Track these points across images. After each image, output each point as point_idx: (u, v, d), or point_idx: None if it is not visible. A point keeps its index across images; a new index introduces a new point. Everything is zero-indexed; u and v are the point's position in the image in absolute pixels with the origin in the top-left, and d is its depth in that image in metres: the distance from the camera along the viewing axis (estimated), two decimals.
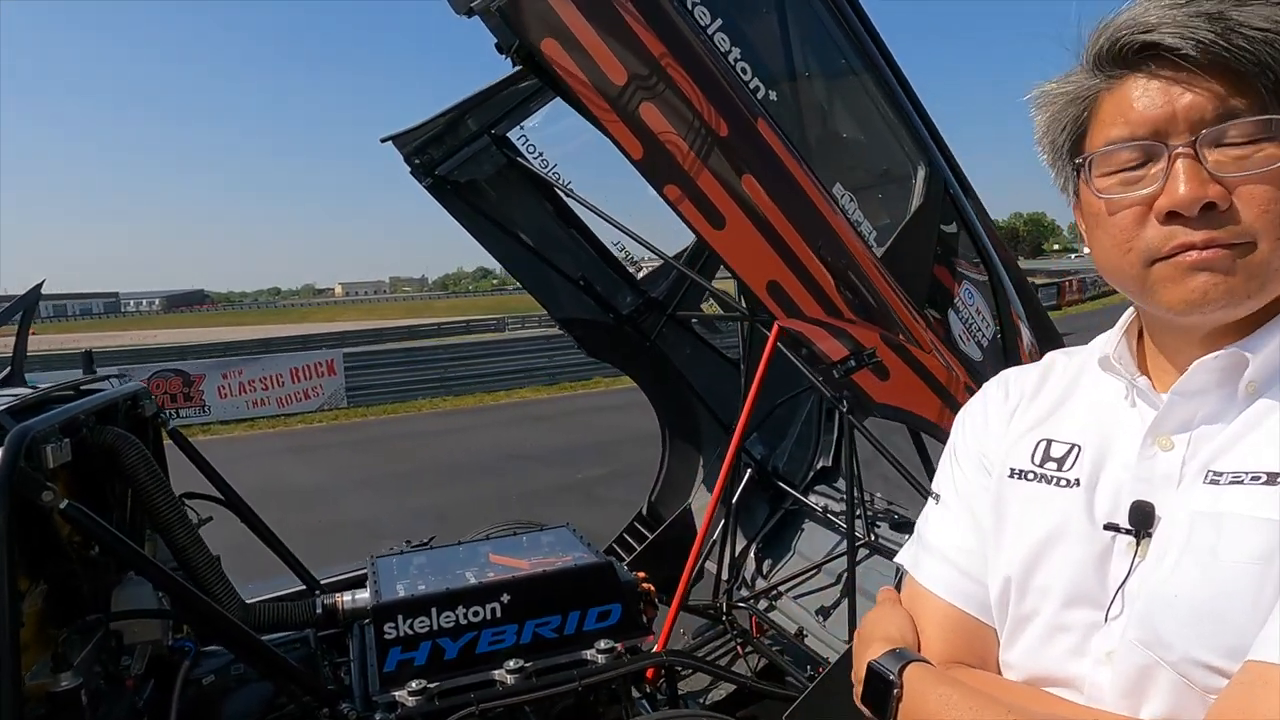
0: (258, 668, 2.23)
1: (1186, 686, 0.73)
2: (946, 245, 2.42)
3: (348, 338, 34.76)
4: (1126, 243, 0.79)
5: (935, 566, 0.97)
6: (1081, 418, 0.91)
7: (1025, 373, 1.02)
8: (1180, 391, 0.81)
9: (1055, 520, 0.86)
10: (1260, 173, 0.73)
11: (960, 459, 1.02)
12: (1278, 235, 0.74)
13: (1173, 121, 0.75)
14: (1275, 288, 0.76)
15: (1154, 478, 0.81)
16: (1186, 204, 0.74)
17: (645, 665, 2.61)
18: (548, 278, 3.76)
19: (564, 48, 1.70)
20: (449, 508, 7.62)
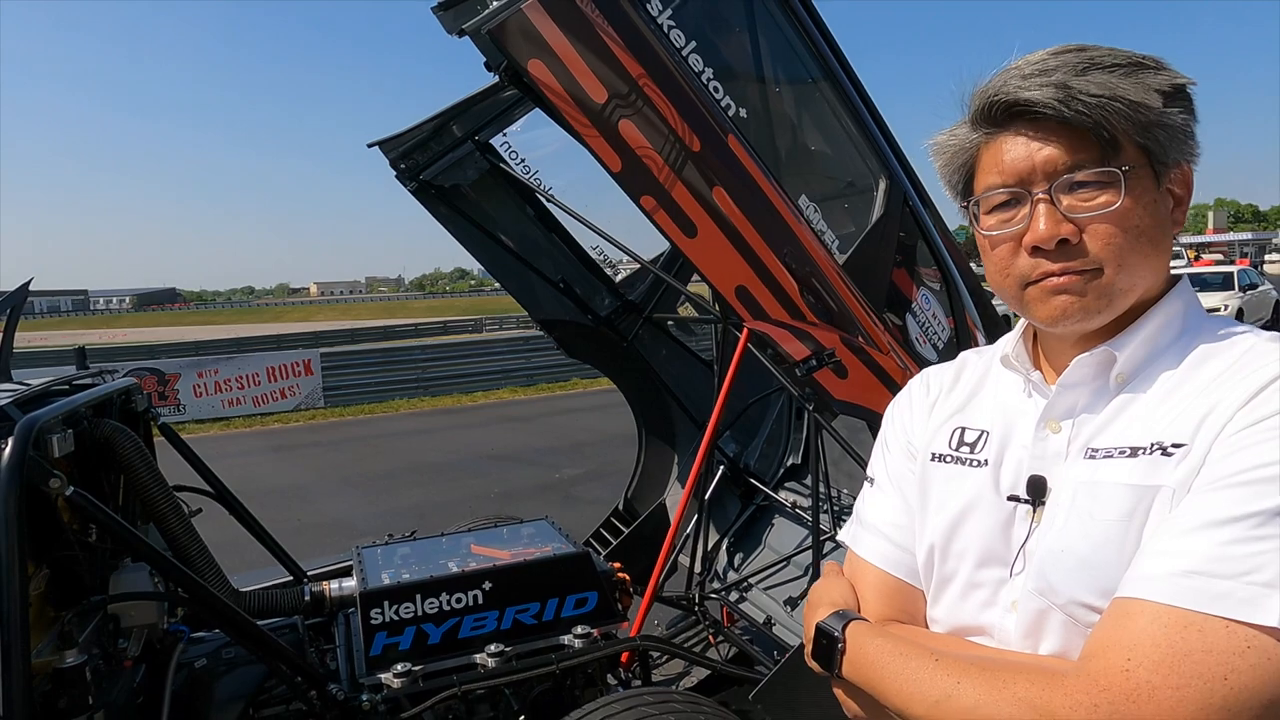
0: (251, 649, 2.33)
1: (1073, 624, 0.88)
2: (905, 253, 2.58)
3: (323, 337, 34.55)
4: (1005, 270, 0.97)
5: (871, 540, 1.12)
6: (989, 407, 1.07)
7: (943, 370, 1.19)
8: (1063, 384, 0.97)
9: (969, 495, 1.01)
10: (1102, 214, 0.90)
11: (890, 447, 1.17)
12: (1119, 262, 0.90)
13: (1033, 172, 0.92)
14: (1122, 302, 0.93)
15: (1046, 456, 0.96)
16: (1045, 240, 0.91)
17: (620, 649, 2.74)
18: (528, 280, 3.89)
19: (549, 68, 1.82)
20: (428, 507, 7.69)
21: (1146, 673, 0.75)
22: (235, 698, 2.51)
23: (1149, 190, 0.91)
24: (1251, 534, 0.76)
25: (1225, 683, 0.72)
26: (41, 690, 1.87)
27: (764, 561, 3.85)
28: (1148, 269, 0.93)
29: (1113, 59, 0.90)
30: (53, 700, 1.88)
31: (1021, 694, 0.80)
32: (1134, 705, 0.74)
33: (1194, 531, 0.79)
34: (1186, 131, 0.92)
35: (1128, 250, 0.90)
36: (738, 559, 4.03)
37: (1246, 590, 0.74)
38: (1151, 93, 0.88)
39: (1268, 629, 0.73)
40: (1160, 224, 0.93)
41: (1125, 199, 0.89)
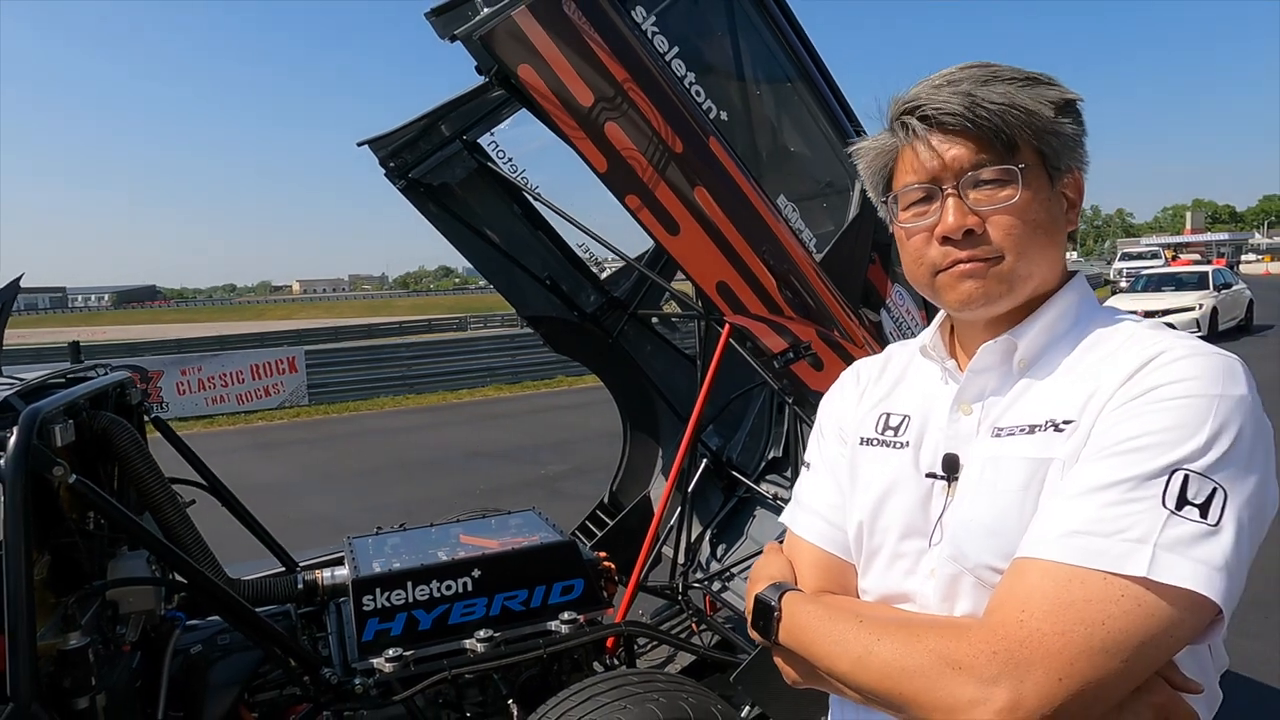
0: (247, 634, 2.39)
1: (981, 586, 0.98)
2: (881, 251, 2.68)
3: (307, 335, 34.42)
4: (919, 259, 1.07)
5: (808, 520, 1.22)
6: (911, 394, 1.18)
7: (871, 361, 1.30)
8: (972, 370, 1.07)
9: (892, 474, 1.11)
10: (1003, 207, 1.01)
11: (824, 433, 1.28)
12: (1017, 250, 1.02)
13: (943, 171, 1.03)
14: (1022, 289, 1.04)
15: (959, 436, 1.07)
16: (953, 230, 1.02)
17: (606, 634, 2.83)
18: (515, 277, 3.95)
19: (538, 72, 1.90)
20: (413, 503, 7.75)
21: (1037, 622, 0.85)
22: (231, 682, 2.58)
23: (1044, 189, 1.03)
24: (1125, 497, 0.87)
25: (1103, 627, 0.83)
26: (46, 671, 1.93)
27: (746, 552, 3.94)
28: (1044, 260, 1.04)
29: (1012, 74, 1.02)
30: (57, 681, 1.94)
31: (932, 646, 0.90)
32: (1026, 650, 0.84)
33: (1078, 497, 0.89)
34: (1076, 140, 1.04)
35: (1025, 240, 1.01)
36: (720, 550, 4.12)
37: (1120, 546, 0.85)
38: (1045, 104, 1.00)
39: (1137, 579, 0.83)
40: (1054, 220, 1.04)
41: (1023, 194, 1.00)
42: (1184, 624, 0.84)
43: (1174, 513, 0.85)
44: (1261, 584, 5.09)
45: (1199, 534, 0.85)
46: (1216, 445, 0.87)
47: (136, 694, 2.33)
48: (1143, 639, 0.83)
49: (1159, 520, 0.85)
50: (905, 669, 0.91)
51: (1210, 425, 0.88)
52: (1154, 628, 0.83)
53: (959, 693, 0.86)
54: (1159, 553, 0.84)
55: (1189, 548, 0.84)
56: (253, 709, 2.61)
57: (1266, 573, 5.06)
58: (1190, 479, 0.86)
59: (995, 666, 0.85)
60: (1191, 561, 0.83)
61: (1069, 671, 0.82)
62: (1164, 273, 22.71)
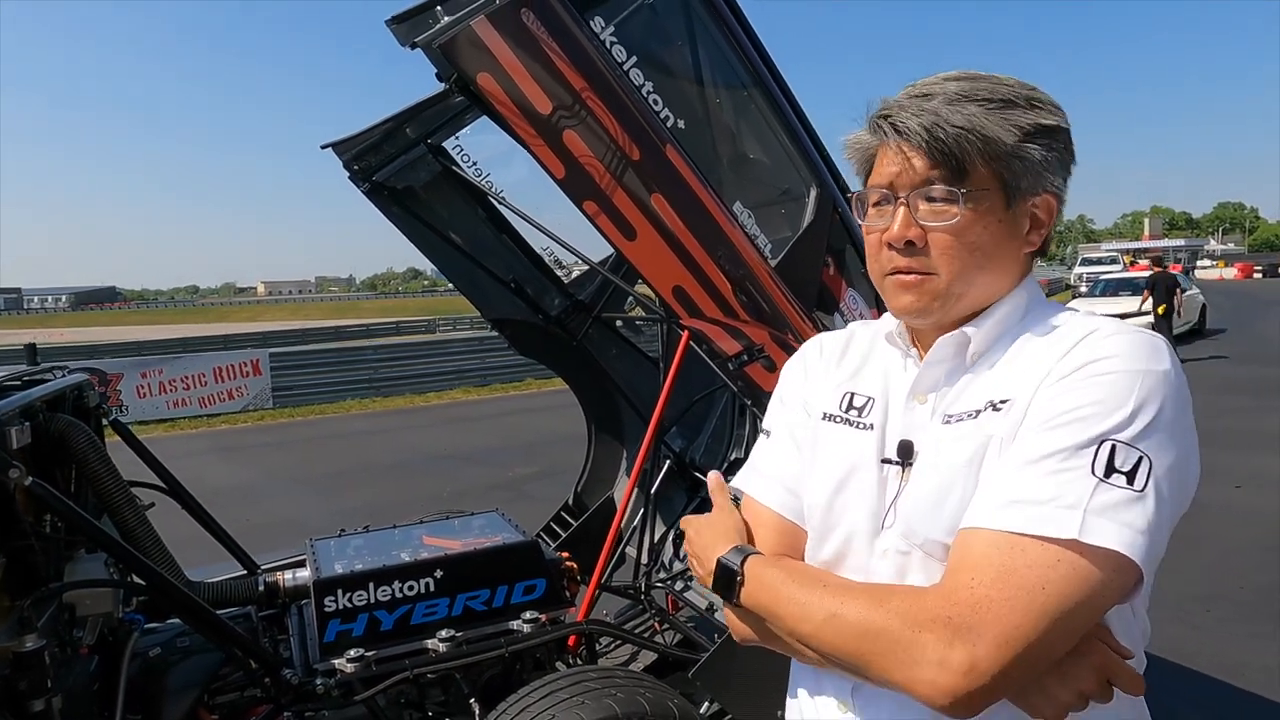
0: (207, 635, 2.40)
1: (930, 561, 1.04)
2: (835, 257, 2.75)
3: (272, 338, 33.97)
4: (874, 258, 1.14)
5: (766, 486, 1.26)
6: (876, 377, 1.21)
7: (834, 337, 1.34)
8: (928, 361, 1.13)
9: (854, 454, 1.16)
10: (944, 225, 1.05)
11: (786, 402, 1.31)
12: (951, 270, 1.07)
13: (900, 179, 1.08)
14: (956, 306, 1.09)
15: (914, 424, 1.12)
16: (895, 239, 1.08)
17: (568, 633, 2.87)
18: (480, 280, 3.98)
19: (497, 80, 1.94)
20: (380, 506, 7.71)
21: (985, 588, 0.91)
22: (190, 685, 2.57)
23: (995, 212, 1.06)
24: (1060, 466, 0.93)
25: (1044, 591, 0.89)
26: (1, 674, 1.92)
27: None
28: (983, 280, 1.08)
29: (989, 94, 1.05)
30: (13, 684, 1.94)
31: (895, 608, 0.95)
32: (976, 614, 0.90)
33: (1016, 468, 0.96)
34: (1046, 165, 1.06)
35: (960, 261, 1.06)
36: (683, 550, 4.18)
37: (1054, 513, 0.91)
38: (1011, 129, 1.04)
39: (1068, 542, 0.89)
40: (1000, 243, 1.08)
41: (965, 216, 1.04)
42: (1112, 584, 0.90)
43: (1103, 480, 0.91)
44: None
45: (1125, 499, 0.91)
46: (1140, 416, 0.93)
47: (94, 697, 2.32)
48: (1078, 600, 0.89)
49: (1089, 487, 0.91)
50: (869, 631, 0.95)
51: (1135, 398, 0.94)
52: (1087, 589, 0.89)
53: (919, 655, 0.91)
54: (1089, 517, 0.90)
55: (1116, 512, 0.90)
56: (213, 711, 2.61)
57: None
58: (1117, 448, 0.92)
59: (950, 630, 0.90)
60: (1118, 525, 0.90)
61: (1016, 634, 0.88)
62: (1121, 278, 23.33)
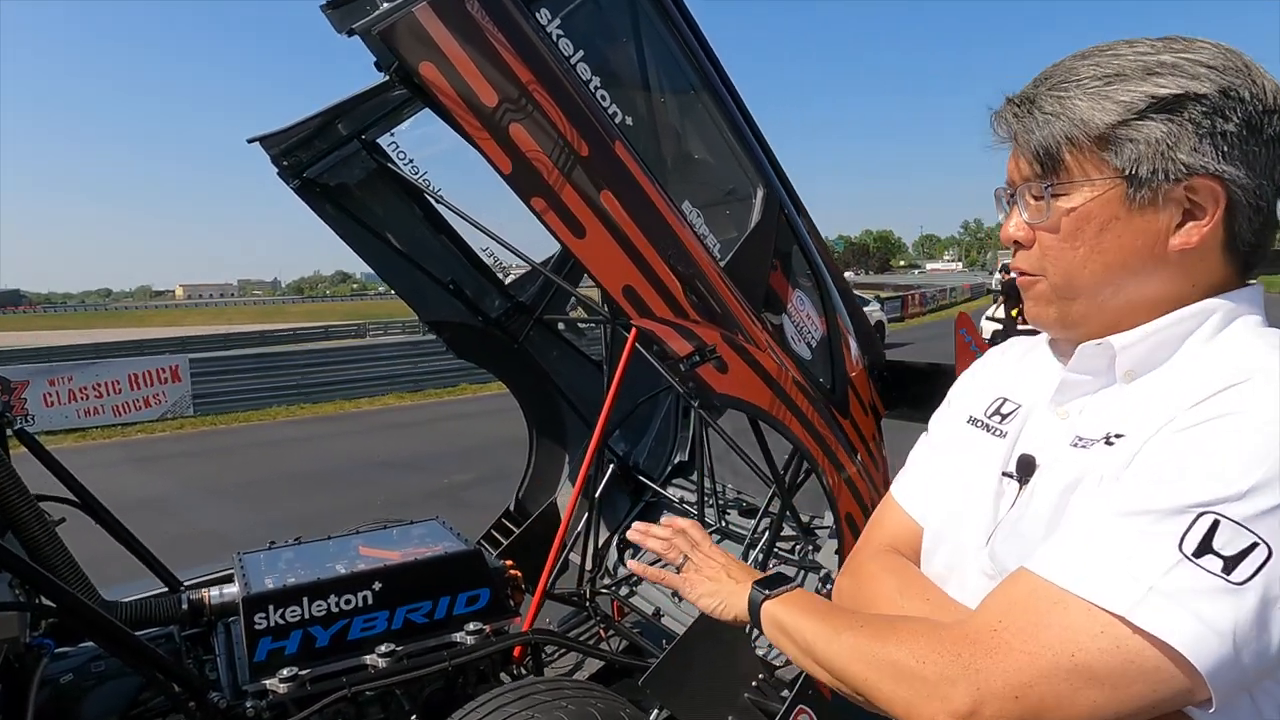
0: (125, 659, 2.24)
1: None
2: (782, 258, 2.74)
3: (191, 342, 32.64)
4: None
5: (907, 482, 1.25)
6: (1033, 383, 1.09)
7: (1023, 341, 1.20)
8: (1070, 370, 0.99)
9: (980, 463, 1.07)
10: (1045, 222, 0.96)
11: (951, 403, 1.24)
12: (1058, 270, 0.96)
13: (1014, 176, 1.00)
14: (1078, 311, 0.97)
15: (1044, 438, 1.00)
16: (1004, 240, 1.02)
17: (513, 643, 2.78)
18: (417, 281, 3.85)
19: (440, 71, 1.86)
20: (310, 516, 7.44)
21: (1010, 634, 0.81)
22: (106, 713, 2.40)
23: (1109, 205, 0.91)
24: (1144, 529, 0.78)
25: (1072, 659, 0.77)
26: None
27: (653, 556, 3.94)
28: (1109, 284, 0.94)
29: (1096, 69, 0.91)
30: None
31: (906, 636, 0.90)
32: (989, 659, 0.81)
33: (1097, 517, 0.83)
34: (1173, 143, 0.87)
35: (1066, 260, 0.95)
36: (627, 555, 4.13)
37: (1116, 579, 0.77)
38: (1112, 107, 0.89)
39: (1118, 616, 0.76)
40: (1126, 240, 0.91)
41: (1057, 213, 0.94)
42: (1162, 684, 0.75)
43: (1189, 558, 0.75)
44: None
45: (1212, 588, 0.74)
46: (1266, 494, 0.74)
47: None
48: (1112, 682, 0.76)
49: (1167, 561, 0.76)
50: (876, 659, 0.91)
51: (1265, 468, 0.75)
52: (1124, 675, 0.76)
53: (921, 688, 0.85)
54: (1153, 596, 0.75)
55: (1192, 599, 0.74)
56: None
57: None
58: (1221, 525, 0.75)
59: (958, 668, 0.83)
60: (1187, 614, 0.74)
61: (1028, 691, 0.79)
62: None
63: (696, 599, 1.24)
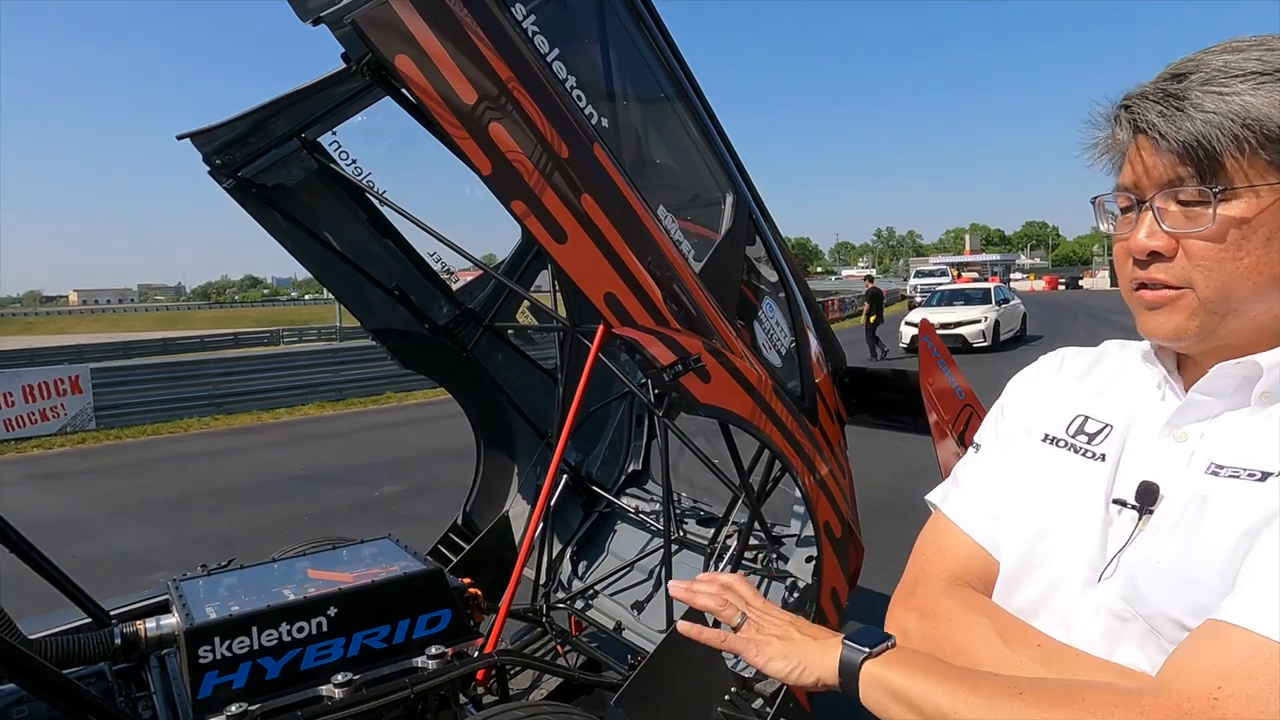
0: (55, 704, 2.03)
1: (1154, 637, 0.86)
2: (750, 264, 2.72)
3: (89, 351, 30.84)
4: (1120, 270, 0.97)
5: (964, 503, 1.11)
6: (1120, 401, 1.02)
7: (1080, 354, 1.14)
8: (1199, 390, 0.92)
9: (1076, 487, 0.98)
10: (1198, 230, 0.87)
11: (1007, 417, 1.14)
12: (1211, 284, 0.88)
13: (1145, 180, 0.91)
14: (1225, 325, 0.89)
15: (1164, 463, 0.92)
16: (1138, 250, 0.91)
17: (477, 667, 2.66)
18: (360, 287, 3.68)
19: (417, 65, 1.75)
20: (234, 533, 7.06)
21: (1236, 705, 0.73)
22: None
23: (1274, 213, 0.85)
24: None
25: None
26: None
27: (609, 568, 3.89)
28: (1264, 299, 0.88)
29: (1260, 65, 0.85)
30: None
31: (1095, 709, 0.78)
32: None
33: None
34: None
35: (1224, 273, 0.87)
36: (581, 567, 4.04)
37: None
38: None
39: None
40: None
41: (1222, 219, 0.86)
42: None
43: None
44: None
45: None
46: None
47: None
48: None
49: None
50: None
51: None
52: None
53: None
54: None
55: None
56: None
57: None
58: None
59: None
60: None
61: None
62: (954, 289, 25.29)
63: (765, 662, 1.03)
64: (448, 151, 2.13)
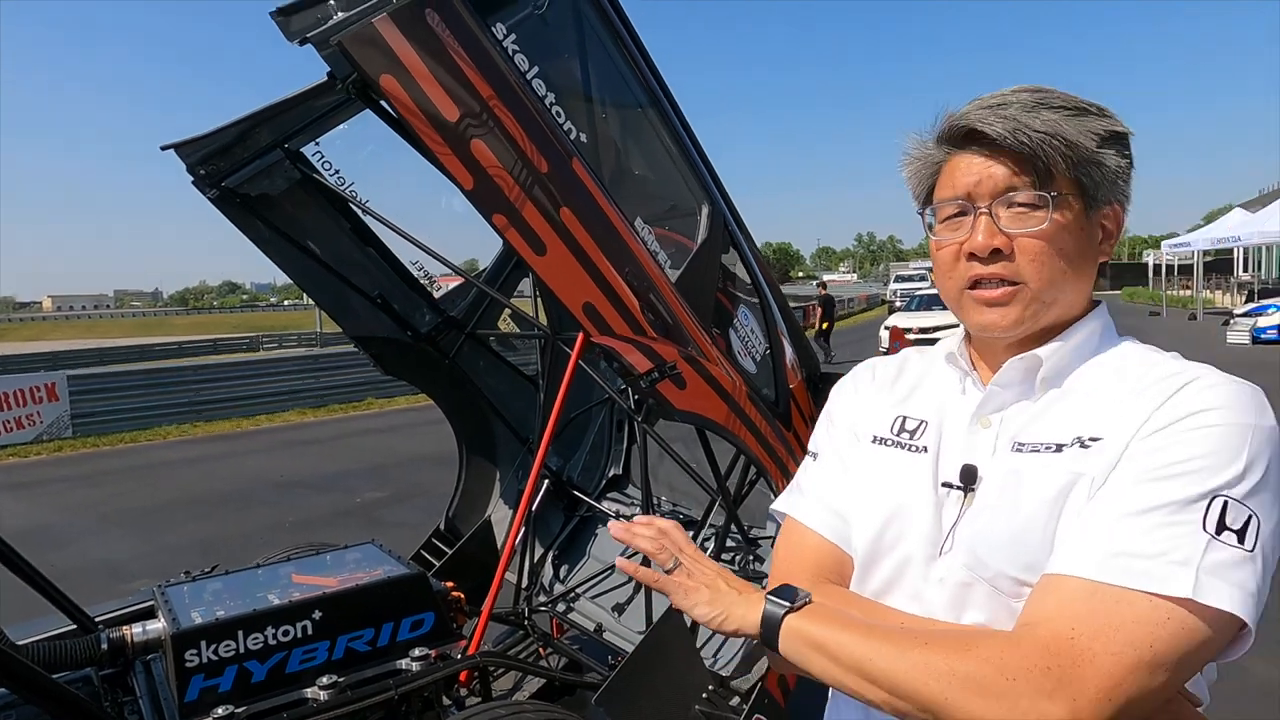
0: (45, 707, 2.06)
1: (997, 596, 1.01)
2: (726, 273, 2.80)
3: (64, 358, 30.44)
4: (949, 274, 1.10)
5: (813, 509, 1.22)
6: (930, 400, 1.18)
7: (887, 362, 1.31)
8: (996, 383, 1.10)
9: (908, 478, 1.12)
10: (1031, 231, 1.03)
11: (836, 424, 1.27)
12: (1042, 276, 1.04)
13: (979, 189, 1.05)
14: (1046, 315, 1.06)
15: (977, 447, 1.09)
16: (981, 249, 1.05)
17: (460, 668, 2.72)
18: (343, 295, 3.73)
19: (401, 83, 1.81)
20: (214, 541, 7.04)
21: (1088, 640, 0.87)
22: None
23: (1078, 219, 1.04)
24: (1168, 520, 0.89)
25: (1151, 649, 0.86)
26: None
27: (590, 571, 3.95)
28: (1069, 287, 1.06)
29: (1062, 102, 1.04)
30: None
31: (989, 654, 0.90)
32: (1080, 668, 0.86)
33: (1119, 519, 0.92)
34: (1119, 174, 1.06)
35: (1050, 267, 1.04)
36: (563, 570, 4.10)
37: (1164, 569, 0.87)
38: (1089, 135, 1.02)
39: (1181, 600, 0.86)
40: (1084, 251, 1.06)
41: (1052, 221, 1.02)
42: (1216, 643, 0.88)
43: (1214, 537, 0.88)
44: None
45: (1237, 559, 0.88)
46: (1251, 473, 0.90)
47: None
48: (1183, 657, 0.86)
49: (1200, 544, 0.87)
50: (958, 676, 0.90)
51: (1246, 454, 0.91)
52: (1194, 647, 0.87)
53: (1015, 705, 0.87)
54: (1202, 576, 0.86)
55: (1228, 572, 0.87)
56: None
57: None
58: (1229, 505, 0.89)
59: (1050, 681, 0.86)
60: (1230, 585, 0.86)
61: (1118, 690, 0.85)
62: (933, 294, 25.54)
63: (691, 607, 1.12)
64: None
